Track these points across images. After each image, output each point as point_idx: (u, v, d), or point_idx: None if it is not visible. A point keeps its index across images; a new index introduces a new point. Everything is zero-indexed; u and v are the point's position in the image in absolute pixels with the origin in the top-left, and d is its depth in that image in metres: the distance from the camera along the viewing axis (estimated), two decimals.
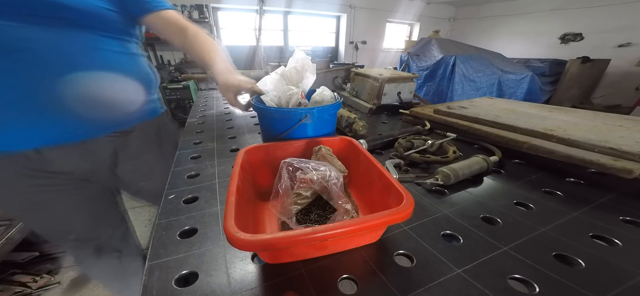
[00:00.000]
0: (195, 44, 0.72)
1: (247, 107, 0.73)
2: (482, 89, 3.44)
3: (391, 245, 0.38)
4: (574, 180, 0.57)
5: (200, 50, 0.72)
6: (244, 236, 0.27)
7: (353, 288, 0.32)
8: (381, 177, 0.40)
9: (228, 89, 0.69)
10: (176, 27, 0.71)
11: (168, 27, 0.71)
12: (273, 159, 0.51)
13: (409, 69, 4.20)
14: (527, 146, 0.63)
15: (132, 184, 0.80)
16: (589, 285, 0.31)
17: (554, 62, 3.50)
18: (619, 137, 0.58)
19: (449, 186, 0.53)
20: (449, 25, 6.65)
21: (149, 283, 0.32)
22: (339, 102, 0.63)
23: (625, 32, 3.93)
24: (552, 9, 4.73)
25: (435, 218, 0.44)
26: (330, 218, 0.39)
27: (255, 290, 0.32)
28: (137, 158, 0.74)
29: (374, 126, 0.94)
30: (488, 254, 0.36)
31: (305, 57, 0.64)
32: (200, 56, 0.72)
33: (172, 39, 0.72)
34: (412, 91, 1.18)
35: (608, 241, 0.39)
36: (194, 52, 0.73)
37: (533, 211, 0.46)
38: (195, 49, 0.72)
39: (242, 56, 4.65)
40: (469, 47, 4.00)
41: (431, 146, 0.67)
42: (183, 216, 0.45)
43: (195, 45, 0.72)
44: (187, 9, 3.89)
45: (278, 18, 4.96)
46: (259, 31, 4.19)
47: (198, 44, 0.72)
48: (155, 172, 0.80)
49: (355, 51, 5.65)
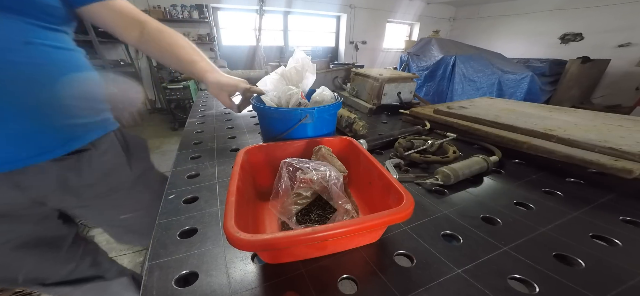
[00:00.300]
0: (162, 41, 0.62)
1: (242, 108, 0.70)
2: (482, 89, 3.45)
3: (391, 245, 0.38)
4: (574, 180, 0.57)
5: (173, 47, 0.62)
6: (244, 236, 0.27)
7: (353, 288, 0.32)
8: (381, 177, 0.40)
9: (222, 89, 0.64)
10: (131, 19, 0.59)
11: (119, 19, 0.58)
12: (273, 159, 0.51)
13: (409, 69, 4.20)
14: (527, 146, 0.63)
15: (97, 220, 0.65)
16: (589, 285, 0.31)
17: (554, 62, 3.50)
18: (619, 137, 0.58)
19: (449, 186, 0.53)
20: (449, 25, 6.65)
21: (149, 283, 0.32)
22: (339, 102, 0.63)
23: (625, 32, 3.93)
24: (552, 9, 4.74)
25: (435, 218, 0.44)
26: (330, 218, 0.39)
27: (255, 290, 0.32)
28: (97, 186, 0.58)
29: (374, 126, 0.94)
30: (488, 254, 0.36)
31: (305, 57, 0.64)
32: (172, 54, 0.62)
33: (125, 34, 0.60)
34: (412, 91, 1.18)
35: (608, 241, 0.39)
36: (161, 49, 0.62)
37: (533, 211, 0.46)
38: (163, 46, 0.62)
39: (242, 56, 4.65)
40: (469, 47, 4.01)
41: (431, 146, 0.67)
42: (183, 216, 0.45)
43: (163, 42, 0.62)
44: (187, 9, 3.89)
45: (278, 18, 4.96)
46: (259, 31, 4.19)
47: (167, 41, 0.62)
48: (130, 203, 0.65)
49: (355, 51, 5.65)
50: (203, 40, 4.17)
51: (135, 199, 0.66)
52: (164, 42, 0.62)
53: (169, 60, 0.64)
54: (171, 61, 0.64)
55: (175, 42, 0.63)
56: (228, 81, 0.64)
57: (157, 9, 3.74)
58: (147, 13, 0.65)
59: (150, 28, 0.61)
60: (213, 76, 0.64)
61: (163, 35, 0.62)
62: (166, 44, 0.62)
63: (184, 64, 0.63)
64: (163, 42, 0.62)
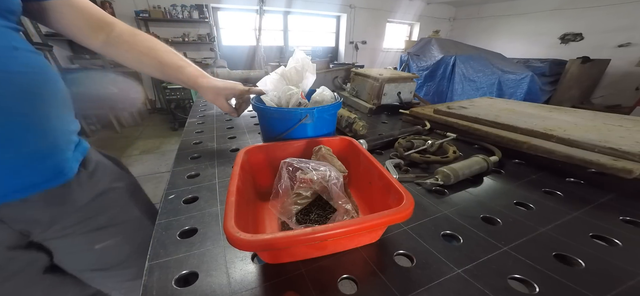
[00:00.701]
0: (139, 44, 0.55)
1: (241, 111, 0.67)
2: (482, 89, 3.45)
3: (391, 245, 0.38)
4: (574, 180, 0.57)
5: (154, 51, 0.56)
6: (244, 236, 0.27)
7: (353, 288, 0.32)
8: (381, 177, 0.40)
9: (219, 94, 0.60)
10: (96, 20, 0.52)
11: (81, 19, 0.50)
12: (273, 159, 0.51)
13: (409, 69, 4.20)
14: (527, 146, 0.63)
15: (73, 269, 0.51)
16: (589, 285, 0.31)
17: (554, 62, 3.50)
18: (619, 138, 0.58)
19: (449, 186, 0.53)
20: (449, 25, 6.65)
21: (149, 283, 0.32)
22: (339, 102, 0.63)
23: (625, 32, 3.93)
24: (552, 9, 4.74)
25: (435, 218, 0.44)
26: (330, 218, 0.39)
27: (255, 290, 0.32)
28: (75, 233, 0.47)
29: (374, 126, 0.94)
30: (488, 254, 0.36)
31: (305, 57, 0.63)
32: (154, 58, 0.56)
33: (86, 36, 0.52)
34: (412, 91, 1.18)
35: (608, 241, 0.39)
36: (139, 53, 0.55)
37: (533, 211, 0.46)
38: (141, 50, 0.55)
39: (242, 56, 4.66)
40: (469, 47, 4.01)
41: (431, 146, 0.67)
42: (183, 216, 0.45)
43: (140, 45, 0.55)
44: (187, 9, 3.90)
45: (278, 18, 4.97)
46: (259, 31, 4.19)
47: (145, 45, 0.56)
48: (114, 253, 0.53)
49: (355, 51, 5.66)
50: (203, 41, 4.18)
51: (120, 219, 0.54)
52: (141, 46, 0.55)
53: (149, 66, 0.57)
54: (152, 67, 0.57)
55: (154, 45, 0.57)
56: (225, 85, 0.60)
57: (157, 9, 3.75)
58: (147, 13, 0.62)
59: (121, 30, 0.55)
60: (206, 80, 0.60)
61: (138, 39, 0.56)
62: (145, 48, 0.56)
63: (169, 69, 0.57)
64: (140, 46, 0.55)
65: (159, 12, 3.73)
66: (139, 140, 3.16)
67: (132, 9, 3.67)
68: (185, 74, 0.59)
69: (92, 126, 3.30)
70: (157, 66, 0.57)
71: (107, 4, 3.50)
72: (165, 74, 0.59)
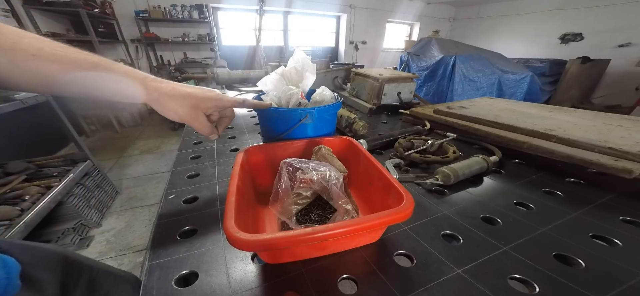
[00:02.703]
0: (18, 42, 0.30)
1: (222, 128, 0.50)
2: (482, 89, 3.45)
3: (391, 245, 0.38)
4: (574, 180, 0.57)
5: (49, 49, 0.31)
6: (244, 236, 0.27)
7: (353, 288, 0.32)
8: (381, 177, 0.40)
9: (197, 107, 0.41)
10: None
11: None
12: (273, 159, 0.51)
13: (409, 69, 4.20)
14: (527, 146, 0.63)
15: None
16: (589, 285, 0.31)
17: (554, 62, 3.51)
18: (619, 138, 0.58)
19: (449, 186, 0.53)
20: (449, 25, 6.65)
21: (149, 283, 0.32)
22: (339, 102, 0.63)
23: (625, 32, 3.93)
24: (552, 9, 4.74)
25: (435, 218, 0.44)
26: (330, 218, 0.39)
27: (255, 290, 0.32)
28: None
29: (374, 126, 0.94)
30: (488, 254, 0.36)
31: (305, 57, 0.63)
32: (51, 56, 0.31)
33: None
34: (412, 91, 1.18)
35: (608, 241, 0.39)
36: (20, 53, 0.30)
37: (533, 211, 0.46)
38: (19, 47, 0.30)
39: (242, 56, 4.66)
40: (469, 47, 4.01)
41: (431, 146, 0.67)
42: (183, 216, 0.45)
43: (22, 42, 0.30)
44: (187, 9, 3.90)
45: (278, 18, 4.96)
46: (259, 31, 4.20)
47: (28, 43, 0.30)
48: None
49: (355, 51, 5.66)
50: (203, 41, 4.17)
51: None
52: (22, 43, 0.30)
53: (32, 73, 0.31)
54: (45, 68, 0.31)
55: (43, 41, 0.32)
56: (204, 94, 0.41)
57: (157, 9, 3.75)
58: (147, 13, 0.49)
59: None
60: (170, 87, 0.39)
61: (17, 36, 0.30)
62: (34, 47, 0.31)
63: (80, 68, 0.33)
64: (21, 43, 0.30)
65: (159, 12, 3.73)
66: (139, 140, 3.16)
67: (132, 9, 3.67)
68: (115, 71, 0.35)
69: (92, 126, 3.30)
70: (57, 67, 0.32)
71: (107, 4, 3.50)
72: (73, 80, 0.33)
